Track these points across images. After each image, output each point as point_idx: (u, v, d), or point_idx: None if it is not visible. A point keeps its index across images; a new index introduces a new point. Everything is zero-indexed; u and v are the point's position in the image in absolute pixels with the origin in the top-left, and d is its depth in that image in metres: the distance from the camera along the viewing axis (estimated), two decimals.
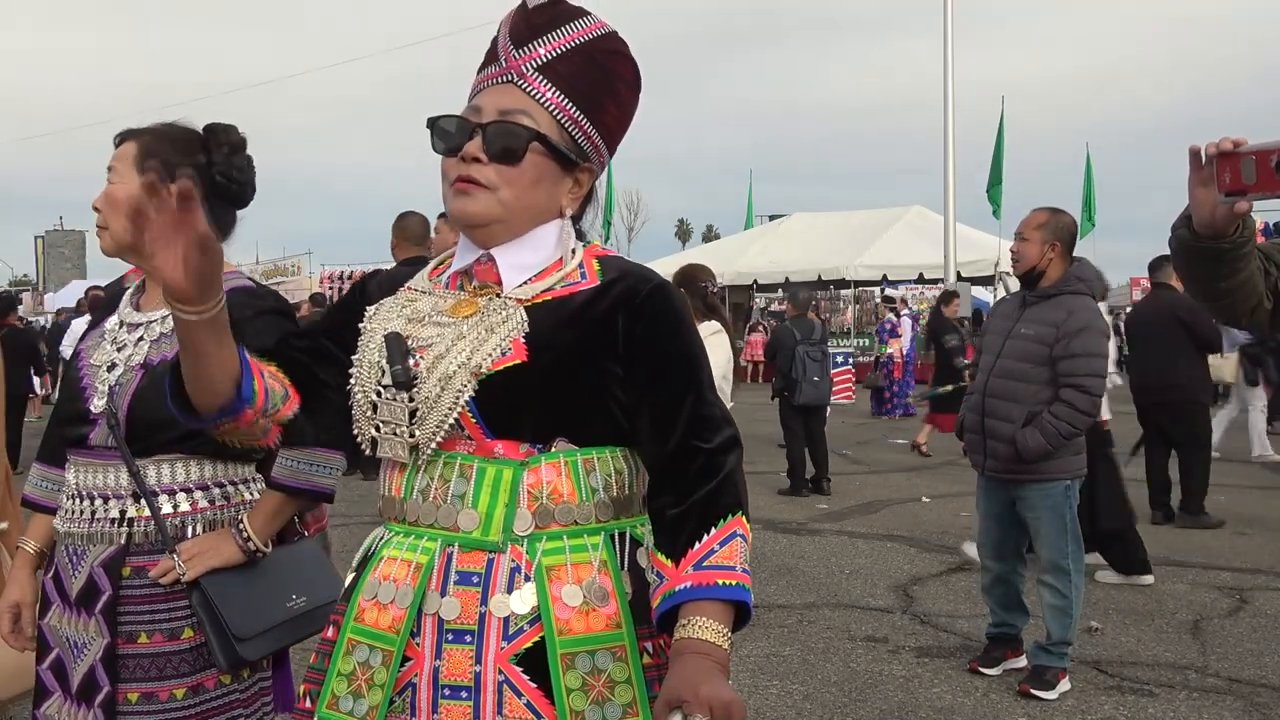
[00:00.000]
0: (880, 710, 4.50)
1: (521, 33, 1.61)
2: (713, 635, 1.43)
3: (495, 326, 1.55)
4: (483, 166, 1.56)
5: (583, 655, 1.52)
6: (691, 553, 1.48)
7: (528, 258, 1.62)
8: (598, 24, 1.64)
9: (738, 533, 1.50)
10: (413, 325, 1.61)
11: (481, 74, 1.64)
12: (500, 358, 1.53)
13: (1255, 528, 8.00)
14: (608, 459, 1.59)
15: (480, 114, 1.58)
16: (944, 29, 19.25)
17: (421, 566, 1.56)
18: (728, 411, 1.60)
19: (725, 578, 1.46)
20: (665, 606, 1.48)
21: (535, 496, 1.54)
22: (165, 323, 2.20)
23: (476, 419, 1.54)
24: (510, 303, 1.58)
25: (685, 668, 1.40)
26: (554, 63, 1.59)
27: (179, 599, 2.14)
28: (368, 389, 1.59)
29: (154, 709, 2.11)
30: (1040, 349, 4.55)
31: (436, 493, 1.57)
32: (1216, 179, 1.87)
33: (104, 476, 2.17)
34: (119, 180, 2.22)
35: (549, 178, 1.60)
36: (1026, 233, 4.67)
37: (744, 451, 1.60)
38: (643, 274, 1.63)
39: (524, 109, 1.57)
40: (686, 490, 1.51)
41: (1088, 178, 25.82)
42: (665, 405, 1.55)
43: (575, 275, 1.61)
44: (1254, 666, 4.97)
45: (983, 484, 4.88)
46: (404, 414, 1.56)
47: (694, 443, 1.53)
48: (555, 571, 1.54)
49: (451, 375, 1.53)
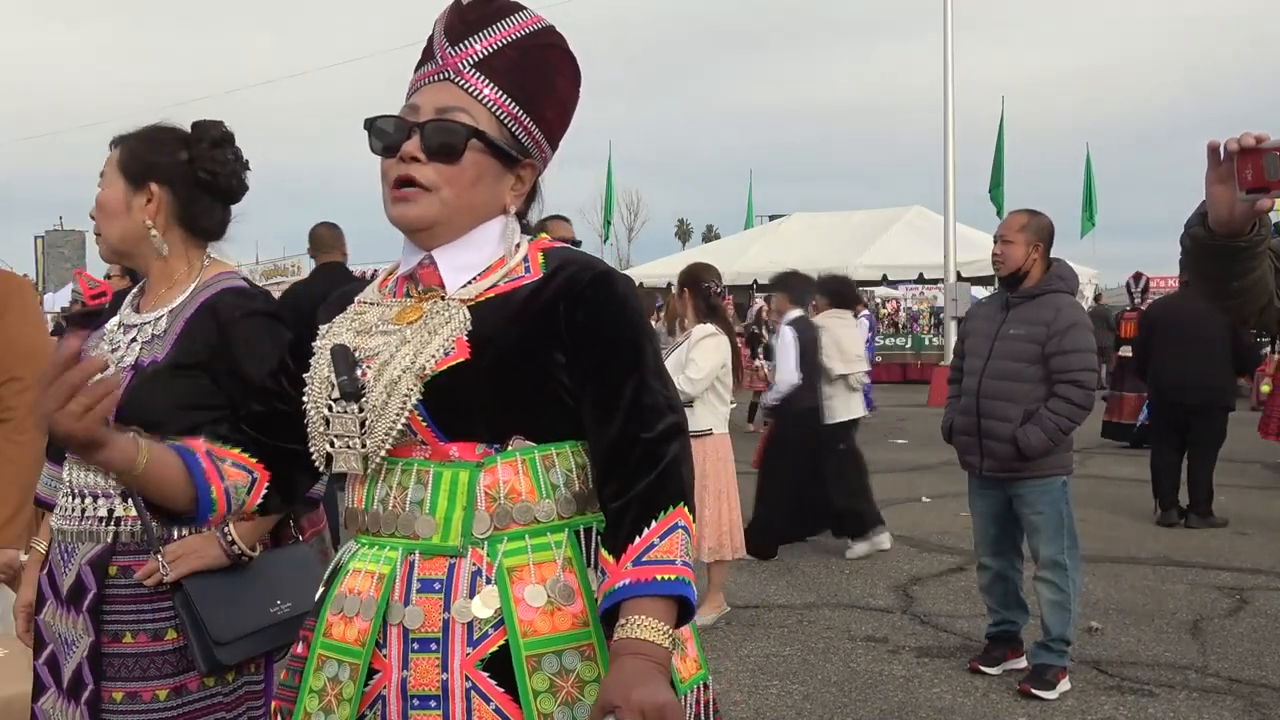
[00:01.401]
0: (880, 710, 4.50)
1: (456, 29, 1.59)
2: (652, 634, 1.39)
3: (438, 328, 1.54)
4: (422, 166, 1.54)
5: (549, 656, 1.49)
6: (631, 548, 1.44)
7: (470, 257, 1.60)
8: (534, 19, 1.62)
9: (679, 524, 1.46)
10: (361, 337, 1.60)
11: (418, 72, 1.62)
12: (443, 358, 1.51)
13: (1255, 528, 8.00)
14: (568, 454, 1.57)
15: (417, 112, 1.56)
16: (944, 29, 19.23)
17: (384, 577, 1.54)
18: (677, 398, 1.57)
19: (665, 572, 1.42)
20: (606, 604, 1.44)
21: (493, 497, 1.52)
22: (157, 324, 2.21)
23: (427, 422, 1.52)
24: (454, 304, 1.56)
25: (621, 670, 1.36)
26: (490, 59, 1.57)
27: (163, 599, 2.13)
28: (319, 405, 1.58)
29: (137, 709, 2.11)
30: (1032, 348, 4.61)
31: (395, 501, 1.55)
32: (1237, 176, 1.82)
33: (95, 474, 2.17)
34: (106, 186, 2.24)
35: (490, 175, 1.58)
36: (1009, 235, 4.73)
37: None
38: (586, 262, 1.61)
39: (461, 106, 1.55)
40: (627, 482, 1.48)
41: (1088, 178, 25.84)
42: (606, 392, 1.52)
43: (519, 270, 1.59)
44: (1254, 666, 4.97)
45: (976, 484, 4.91)
46: (355, 425, 1.54)
47: (635, 431, 1.50)
48: (517, 572, 1.51)
49: (397, 380, 1.51)
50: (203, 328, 2.16)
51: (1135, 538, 7.70)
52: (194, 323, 2.17)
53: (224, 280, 2.26)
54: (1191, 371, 7.81)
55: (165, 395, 2.12)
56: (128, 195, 2.21)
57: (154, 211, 2.22)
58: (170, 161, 2.23)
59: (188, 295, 2.23)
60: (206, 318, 2.17)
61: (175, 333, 2.17)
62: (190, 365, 2.14)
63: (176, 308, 2.21)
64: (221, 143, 2.27)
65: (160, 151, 2.23)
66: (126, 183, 2.21)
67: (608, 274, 1.59)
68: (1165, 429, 8.15)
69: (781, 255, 22.67)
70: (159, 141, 2.24)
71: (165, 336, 2.18)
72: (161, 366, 2.14)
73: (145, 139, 2.25)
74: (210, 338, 2.16)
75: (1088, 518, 7.50)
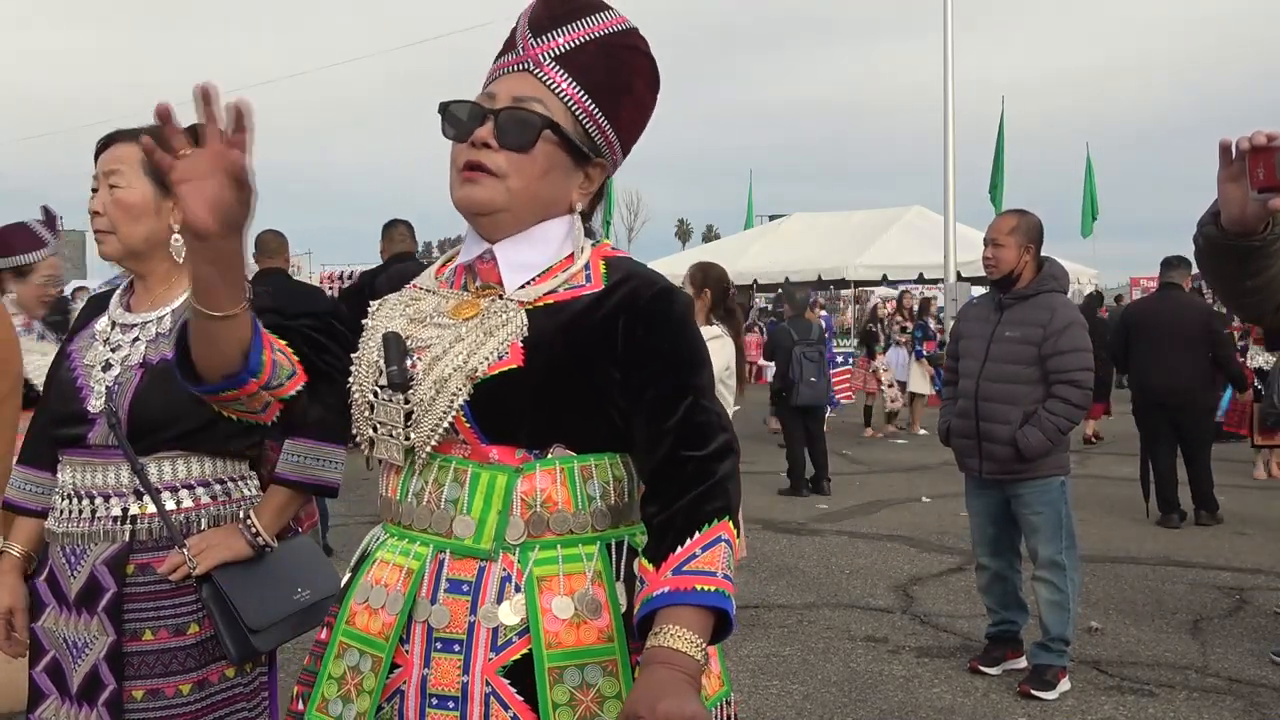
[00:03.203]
0: (880, 710, 4.50)
1: (541, 21, 1.58)
2: (684, 644, 1.37)
3: (494, 330, 1.52)
4: (493, 153, 1.52)
5: (572, 669, 1.48)
6: (673, 557, 1.42)
7: (531, 256, 1.58)
8: (619, 19, 1.61)
9: (722, 538, 1.44)
10: (414, 325, 1.58)
11: (498, 61, 1.62)
12: (496, 361, 1.50)
13: (1255, 528, 8.00)
14: (606, 466, 1.56)
15: (494, 100, 1.55)
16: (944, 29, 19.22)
17: (413, 572, 1.53)
18: (727, 418, 1.56)
19: (705, 583, 1.40)
20: (643, 612, 1.42)
21: (529, 504, 1.51)
22: (162, 323, 2.21)
23: (471, 424, 1.50)
24: (512, 305, 1.54)
25: (649, 680, 1.34)
26: (572, 53, 1.56)
27: (184, 594, 2.15)
28: (365, 388, 1.56)
29: (160, 705, 2.12)
30: (1028, 349, 4.62)
31: (430, 497, 1.54)
32: (1249, 174, 1.79)
33: (104, 475, 2.17)
34: (126, 185, 2.20)
35: (560, 169, 1.57)
36: (1000, 238, 4.73)
37: (742, 452, 1.56)
38: (649, 277, 1.58)
39: (538, 97, 1.54)
40: (675, 495, 1.47)
41: (1089, 178, 25.81)
42: (660, 410, 1.51)
43: (580, 278, 1.57)
44: (1254, 666, 4.97)
45: (974, 485, 4.92)
46: (399, 415, 1.52)
47: (686, 451, 1.48)
48: (546, 582, 1.50)
49: (447, 378, 1.50)
50: None
51: (1135, 538, 7.70)
52: None
53: None
54: (1173, 372, 7.84)
55: (179, 391, 2.11)
56: (158, 199, 2.20)
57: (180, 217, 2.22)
58: None
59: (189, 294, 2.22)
60: None
61: None
62: None
63: (179, 307, 2.21)
64: None
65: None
66: (155, 186, 2.20)
67: (670, 290, 1.57)
68: (1155, 432, 8.15)
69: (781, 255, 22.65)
70: None
71: (172, 335, 2.18)
72: (172, 364, 2.14)
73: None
74: None
75: (1087, 518, 7.51)
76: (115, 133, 2.27)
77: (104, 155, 2.24)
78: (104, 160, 2.23)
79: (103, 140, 2.27)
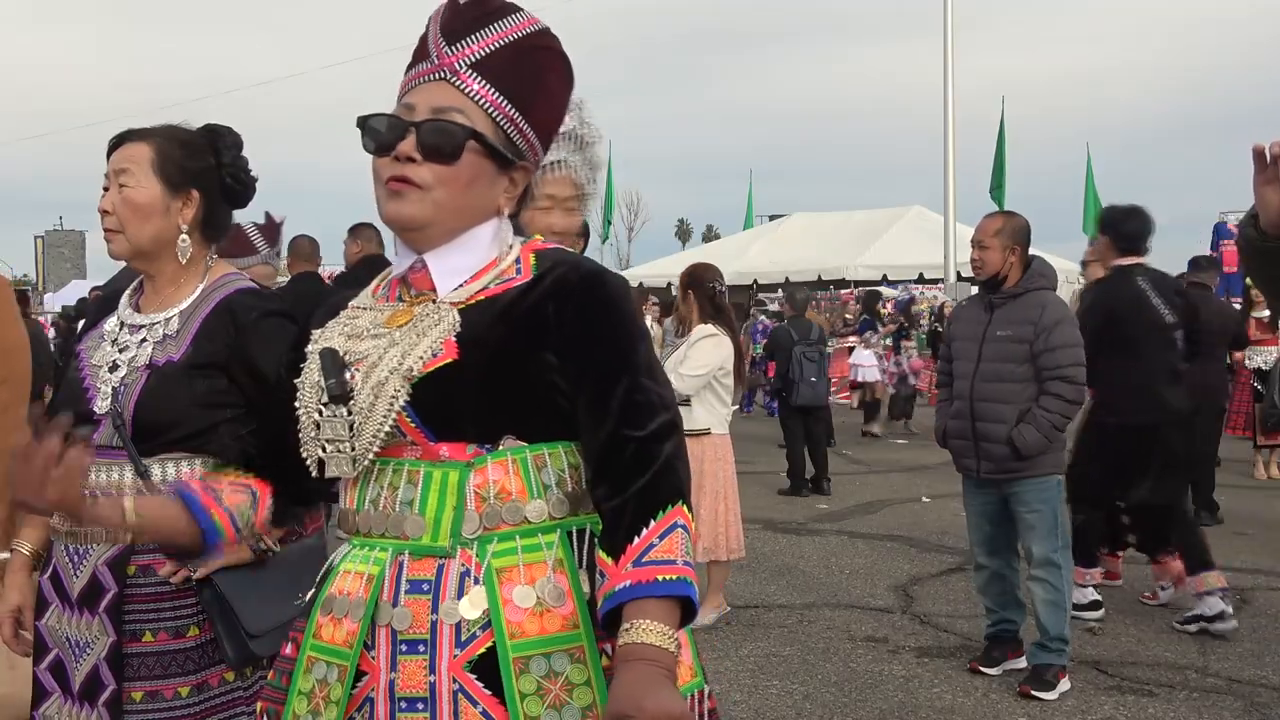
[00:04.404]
0: (880, 710, 4.50)
1: (454, 28, 1.57)
2: (657, 638, 1.37)
3: (427, 330, 1.53)
4: (417, 166, 1.52)
5: (538, 658, 1.47)
6: (630, 548, 1.42)
7: (461, 261, 1.59)
8: (530, 20, 1.61)
9: (678, 523, 1.44)
10: (351, 341, 1.59)
11: (411, 71, 1.61)
12: (431, 359, 1.50)
13: (1255, 528, 7.99)
14: (560, 454, 1.56)
15: (413, 111, 1.54)
16: (944, 29, 19.24)
17: (374, 577, 1.53)
18: (670, 397, 1.55)
19: (666, 572, 1.40)
20: (608, 607, 1.42)
21: (483, 497, 1.51)
22: (169, 324, 2.22)
23: (416, 423, 1.51)
24: (444, 306, 1.55)
25: (629, 678, 1.34)
26: (487, 59, 1.56)
27: (185, 597, 2.15)
28: (310, 409, 1.57)
29: (158, 707, 2.12)
30: (1020, 348, 4.64)
31: (386, 501, 1.54)
32: None
33: (108, 475, 2.17)
34: (135, 184, 2.21)
35: (485, 177, 1.57)
36: (986, 240, 4.77)
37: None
38: (576, 262, 1.59)
39: (458, 106, 1.54)
40: (622, 481, 1.46)
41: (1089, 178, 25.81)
42: (598, 392, 1.51)
43: (511, 271, 1.58)
44: (1254, 666, 4.97)
45: (971, 485, 4.94)
46: (345, 429, 1.53)
47: (627, 431, 1.48)
48: (506, 573, 1.50)
49: (384, 381, 1.51)
50: (220, 328, 2.19)
51: None
52: (210, 323, 2.19)
53: (232, 281, 2.29)
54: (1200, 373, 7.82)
55: (183, 394, 2.15)
56: (166, 198, 2.21)
57: (189, 216, 2.24)
58: (206, 168, 2.25)
59: (197, 296, 2.24)
60: (224, 318, 2.20)
61: (191, 333, 2.19)
62: (207, 365, 2.16)
63: (187, 308, 2.22)
64: (241, 149, 2.31)
65: (197, 158, 2.25)
66: (165, 186, 2.21)
67: (597, 273, 1.58)
68: None
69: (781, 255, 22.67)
70: (194, 147, 2.26)
71: (179, 336, 2.19)
72: (178, 366, 2.16)
73: (179, 143, 2.25)
74: (229, 338, 2.18)
75: None
76: (126, 132, 2.28)
77: (115, 154, 2.25)
78: (115, 159, 2.24)
79: (114, 139, 2.28)
